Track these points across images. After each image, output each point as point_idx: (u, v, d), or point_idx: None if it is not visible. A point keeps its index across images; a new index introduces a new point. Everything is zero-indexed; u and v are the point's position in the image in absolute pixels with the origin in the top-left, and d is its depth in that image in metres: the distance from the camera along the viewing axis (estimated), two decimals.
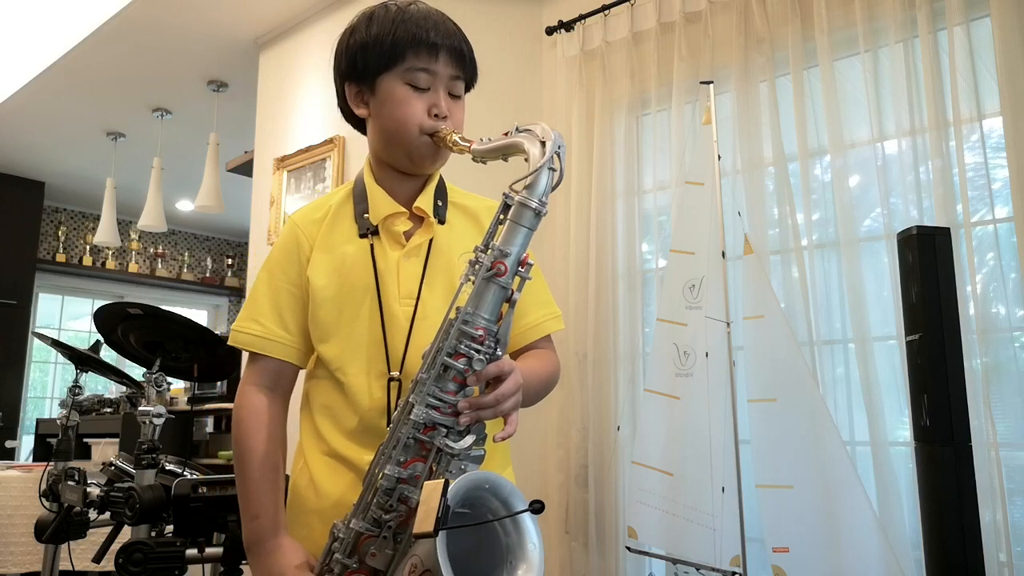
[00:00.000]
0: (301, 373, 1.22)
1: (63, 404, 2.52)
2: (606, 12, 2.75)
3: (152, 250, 6.47)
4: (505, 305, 0.98)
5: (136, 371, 2.59)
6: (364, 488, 0.99)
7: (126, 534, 1.78)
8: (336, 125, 3.18)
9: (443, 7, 1.18)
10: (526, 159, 0.98)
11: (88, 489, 1.99)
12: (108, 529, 1.93)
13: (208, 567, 1.78)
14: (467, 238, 1.17)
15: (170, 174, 4.76)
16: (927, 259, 1.61)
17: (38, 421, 4.53)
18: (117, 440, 3.52)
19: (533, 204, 0.96)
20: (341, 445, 1.12)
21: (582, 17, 2.82)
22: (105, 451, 3.65)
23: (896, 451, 2.07)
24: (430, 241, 1.16)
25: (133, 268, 6.25)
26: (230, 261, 6.90)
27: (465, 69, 1.16)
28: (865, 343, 2.07)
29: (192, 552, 1.59)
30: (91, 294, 6.21)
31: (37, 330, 5.68)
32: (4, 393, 5.21)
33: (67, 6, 3.59)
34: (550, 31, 2.91)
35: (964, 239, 1.95)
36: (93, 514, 2.06)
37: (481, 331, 0.96)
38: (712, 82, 2.27)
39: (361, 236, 1.16)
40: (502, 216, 0.99)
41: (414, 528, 0.83)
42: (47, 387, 6.20)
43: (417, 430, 0.96)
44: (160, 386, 2.00)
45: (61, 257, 5.90)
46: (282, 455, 1.15)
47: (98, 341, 2.49)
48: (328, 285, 1.14)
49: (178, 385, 4.22)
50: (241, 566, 1.57)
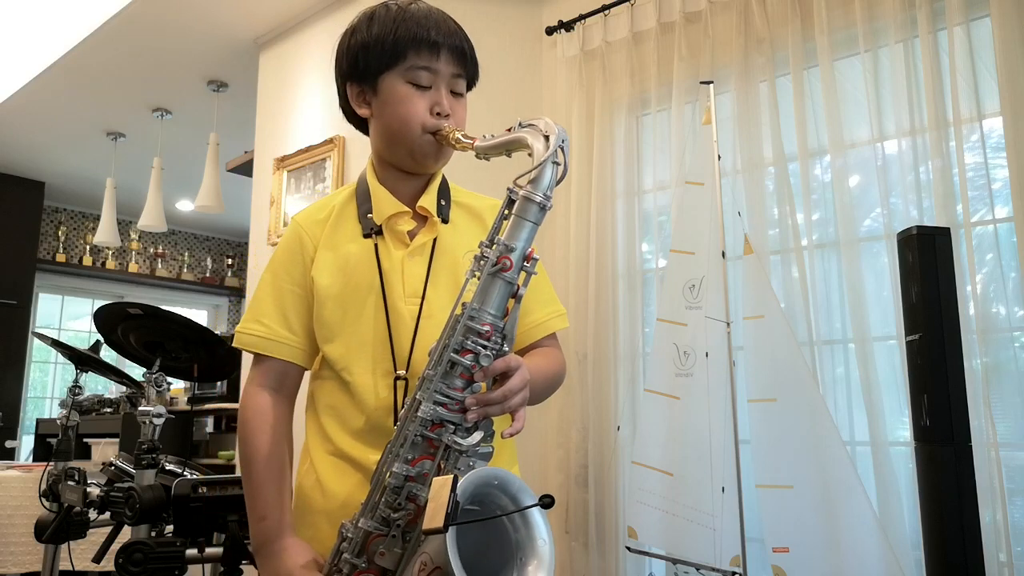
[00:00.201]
0: (306, 375, 1.22)
1: (63, 404, 2.52)
2: (606, 12, 2.75)
3: (152, 250, 6.47)
4: (511, 301, 0.97)
5: (136, 371, 2.60)
6: (372, 487, 0.98)
7: (126, 534, 1.78)
8: (336, 125, 3.18)
9: (442, 7, 1.18)
10: (530, 154, 0.98)
11: (88, 489, 1.99)
12: (108, 529, 1.93)
13: (208, 567, 1.78)
14: (471, 237, 1.17)
15: (170, 174, 4.76)
16: (927, 259, 1.61)
17: (38, 421, 4.54)
18: (117, 440, 3.52)
19: (538, 198, 0.96)
20: (347, 445, 1.11)
21: (582, 17, 2.82)
22: (105, 451, 3.65)
23: (896, 451, 2.06)
24: (434, 240, 1.16)
25: (133, 268, 6.25)
26: (230, 261, 6.90)
27: (466, 67, 1.16)
28: (865, 343, 2.07)
29: (192, 552, 1.59)
30: (91, 294, 6.21)
31: (37, 330, 5.68)
32: (4, 393, 5.21)
33: (67, 6, 3.59)
34: (550, 31, 2.91)
35: (964, 239, 1.95)
36: (93, 514, 2.06)
37: (487, 327, 0.95)
38: (712, 82, 2.27)
39: (365, 236, 1.16)
40: (507, 211, 0.98)
41: (424, 525, 0.83)
42: (47, 387, 6.20)
43: (425, 427, 0.95)
44: (160, 386, 2.00)
45: (61, 257, 5.90)
46: (288, 456, 1.15)
47: (98, 341, 2.49)
48: (332, 284, 1.14)
49: (178, 385, 4.23)
50: (241, 566, 1.57)
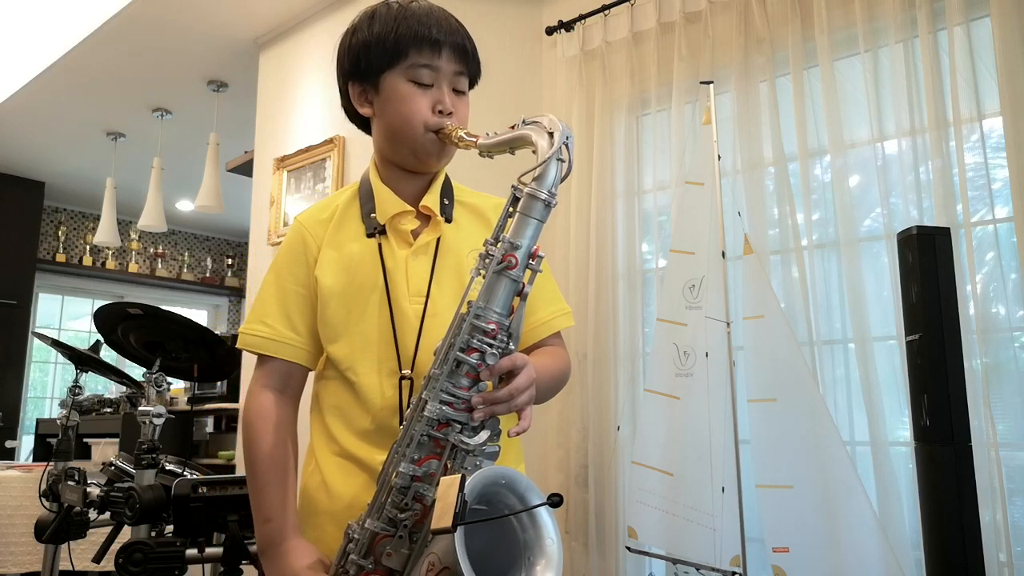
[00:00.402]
0: (310, 376, 1.21)
1: (63, 404, 2.52)
2: (606, 12, 2.75)
3: (152, 250, 6.47)
4: (516, 299, 0.97)
5: (136, 371, 2.60)
6: (378, 487, 0.97)
7: (126, 534, 1.78)
8: (336, 125, 3.18)
9: (443, 6, 1.18)
10: (534, 151, 0.97)
11: (88, 489, 1.99)
12: (108, 529, 1.93)
13: (208, 567, 1.78)
14: (474, 236, 1.16)
15: (170, 174, 4.76)
16: (927, 259, 1.61)
17: (38, 421, 4.54)
18: (117, 440, 3.52)
19: (543, 195, 0.95)
20: (353, 445, 1.10)
21: (582, 17, 2.82)
22: (105, 451, 3.65)
23: (896, 451, 2.06)
24: (437, 239, 1.15)
25: (133, 268, 6.25)
26: (230, 261, 6.90)
27: (468, 65, 1.16)
28: (865, 343, 2.07)
29: (192, 552, 1.59)
30: (91, 294, 6.21)
31: (37, 330, 5.69)
32: (4, 393, 5.21)
33: (67, 6, 3.59)
34: (550, 31, 2.91)
35: (964, 239, 1.95)
36: (93, 514, 2.06)
37: (493, 325, 0.95)
38: (712, 82, 2.27)
39: (368, 235, 1.15)
40: (511, 209, 0.98)
41: (432, 524, 0.82)
42: (47, 387, 6.20)
43: (431, 427, 0.95)
44: (160, 386, 2.00)
45: (61, 257, 5.90)
46: (293, 457, 1.14)
47: (98, 341, 2.49)
48: (336, 284, 1.13)
49: (178, 385, 4.23)
50: (241, 566, 1.57)
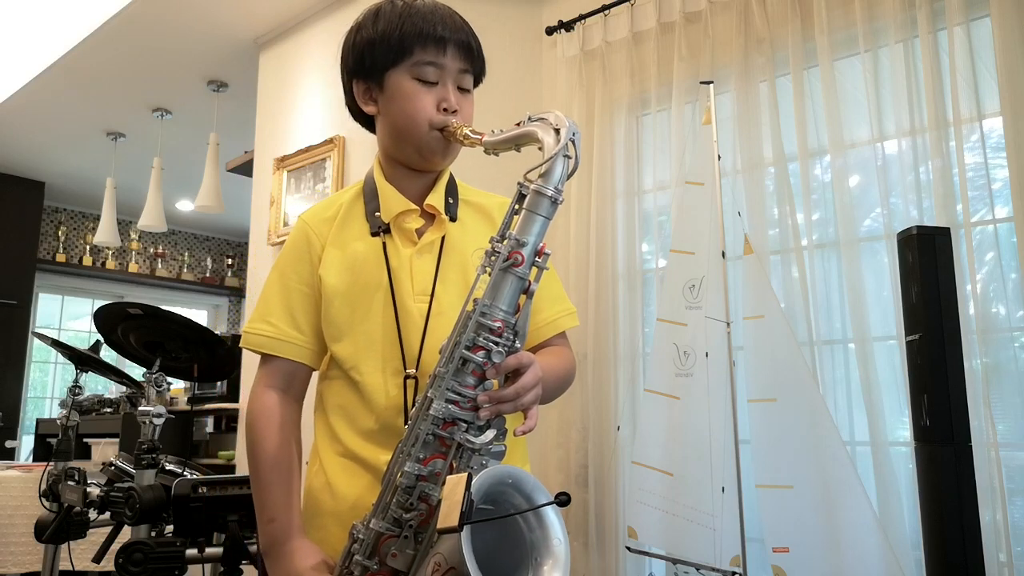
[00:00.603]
0: (314, 376, 1.20)
1: (63, 404, 2.52)
2: (606, 12, 2.75)
3: (152, 250, 6.47)
4: (523, 296, 0.96)
5: (136, 371, 2.59)
6: (383, 487, 0.97)
7: (126, 534, 1.78)
8: (336, 125, 3.17)
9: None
10: (540, 148, 0.96)
11: (88, 489, 1.99)
12: (108, 529, 1.93)
13: (208, 567, 1.78)
14: (479, 235, 1.16)
15: (170, 174, 4.76)
16: (927, 259, 1.61)
17: (38, 421, 4.53)
18: (117, 440, 3.52)
19: (549, 192, 0.95)
20: (357, 446, 1.10)
21: (582, 17, 2.81)
22: (105, 451, 3.65)
23: (896, 451, 2.06)
24: (442, 238, 1.15)
25: (133, 268, 6.25)
26: (230, 261, 6.90)
27: (473, 63, 1.15)
28: (865, 343, 2.07)
29: (192, 552, 1.59)
30: (91, 294, 6.21)
31: (37, 330, 5.68)
32: (4, 393, 5.21)
33: (67, 6, 3.59)
34: (550, 31, 2.91)
35: (964, 239, 1.95)
36: (93, 514, 2.06)
37: (499, 323, 0.94)
38: (712, 82, 2.27)
39: (373, 234, 1.15)
40: (517, 206, 0.97)
41: (438, 523, 0.81)
42: (47, 387, 6.20)
43: (436, 426, 0.94)
44: (160, 386, 2.00)
45: (61, 257, 5.90)
46: (297, 457, 1.13)
47: (98, 341, 2.49)
48: (340, 283, 1.13)
49: (178, 385, 4.23)
50: (241, 566, 1.57)
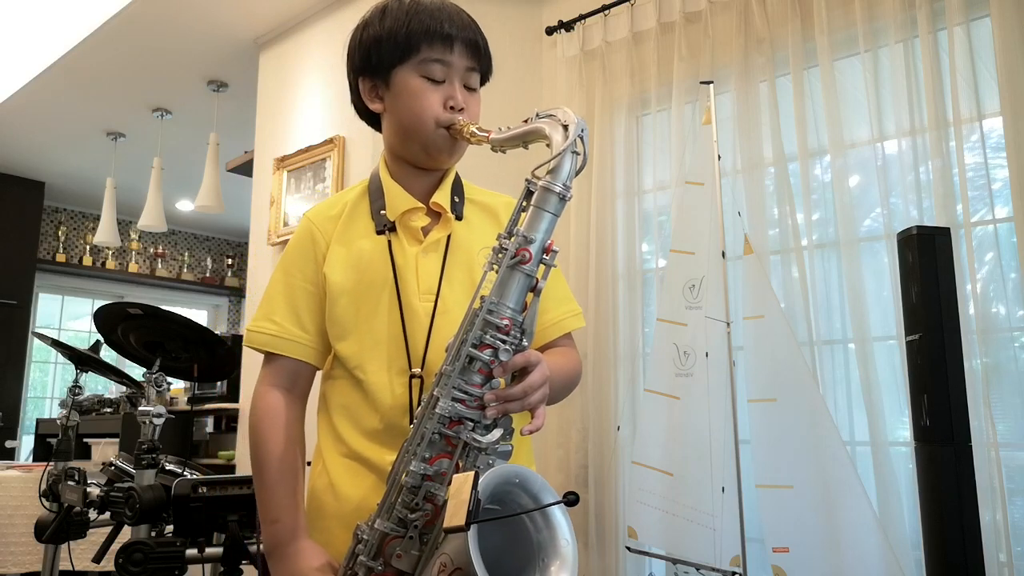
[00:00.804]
0: (318, 376, 1.19)
1: (63, 404, 2.52)
2: (606, 12, 2.75)
3: (152, 250, 6.47)
4: (530, 294, 0.95)
5: (136, 371, 2.59)
6: (388, 487, 0.96)
7: (126, 534, 1.78)
8: (336, 125, 3.17)
9: None
10: (547, 144, 0.96)
11: (88, 489, 1.99)
12: (108, 529, 1.93)
13: (208, 567, 1.78)
14: (485, 234, 1.15)
15: (170, 174, 4.76)
16: (927, 259, 1.61)
17: (38, 421, 4.53)
18: (117, 440, 3.51)
19: (557, 188, 0.94)
20: (361, 446, 1.08)
21: (582, 17, 2.82)
22: (105, 451, 3.65)
23: (896, 451, 2.07)
24: (448, 236, 1.14)
25: (133, 268, 6.25)
26: (230, 261, 6.90)
27: (480, 61, 1.15)
28: (865, 343, 2.07)
29: (192, 552, 1.59)
30: (91, 294, 6.21)
31: (37, 330, 5.69)
32: (4, 393, 5.21)
33: (67, 6, 3.59)
34: (550, 31, 2.91)
35: (964, 239, 1.95)
36: (93, 514, 2.06)
37: (506, 321, 0.93)
38: (712, 82, 2.27)
39: (378, 232, 1.14)
40: (525, 203, 0.96)
41: (444, 522, 0.80)
42: (47, 387, 6.20)
43: (443, 424, 0.93)
44: (160, 386, 2.00)
45: (61, 257, 5.90)
46: (301, 457, 1.12)
47: (98, 341, 2.49)
48: (345, 281, 1.12)
49: (178, 385, 4.22)
50: (241, 566, 1.57)
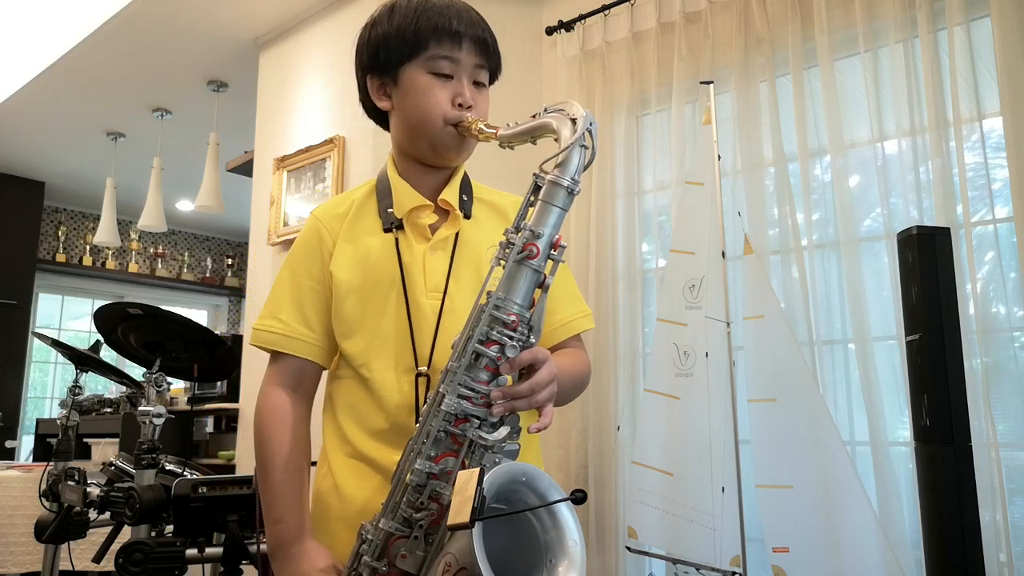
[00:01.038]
0: (323, 378, 1.18)
1: (63, 404, 2.52)
2: (606, 12, 2.75)
3: (152, 250, 6.47)
4: (538, 290, 0.94)
5: (136, 371, 2.59)
6: (393, 486, 0.94)
7: (126, 534, 1.78)
8: (336, 125, 3.17)
9: None
10: (556, 139, 0.95)
11: (88, 489, 1.99)
12: (108, 529, 1.93)
13: (208, 567, 1.78)
14: (493, 233, 1.13)
15: (170, 174, 4.76)
16: (927, 259, 1.61)
17: (38, 421, 4.53)
18: (117, 440, 3.51)
19: (565, 182, 0.92)
20: (367, 446, 1.07)
21: (582, 17, 2.82)
22: (105, 451, 3.65)
23: (896, 451, 2.07)
24: (456, 234, 1.13)
25: (133, 268, 6.25)
26: (230, 261, 6.90)
27: (489, 58, 1.14)
28: (865, 343, 2.07)
29: (192, 552, 1.59)
30: (91, 294, 6.21)
31: (37, 330, 5.69)
32: (4, 393, 5.21)
33: (67, 6, 3.59)
34: (550, 31, 2.91)
35: (964, 239, 1.95)
36: (93, 514, 2.06)
37: (513, 316, 0.91)
38: (712, 82, 2.27)
39: (385, 230, 1.13)
40: (532, 197, 0.95)
41: (448, 519, 0.78)
42: (47, 387, 6.20)
43: (448, 422, 0.91)
44: (160, 386, 2.00)
45: (61, 257, 5.90)
46: (306, 457, 1.11)
47: (98, 341, 2.49)
48: (352, 278, 1.11)
49: (178, 385, 4.22)
50: (241, 566, 1.57)
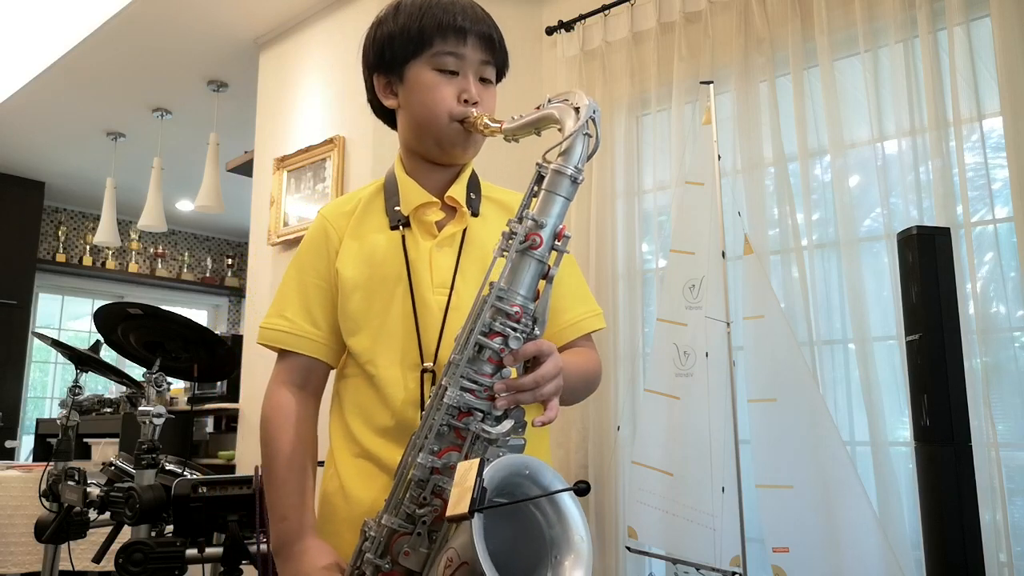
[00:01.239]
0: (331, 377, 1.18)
1: (63, 404, 2.52)
2: (606, 12, 2.75)
3: (152, 250, 6.47)
4: (542, 282, 0.92)
5: (136, 371, 2.59)
6: (395, 482, 0.93)
7: (126, 534, 1.78)
8: (336, 125, 3.17)
9: None
10: (559, 129, 0.94)
11: (88, 489, 1.99)
12: (108, 529, 1.93)
13: (208, 567, 1.78)
14: (501, 231, 1.12)
15: (170, 174, 4.76)
16: (927, 259, 1.61)
17: (38, 421, 4.53)
18: (117, 440, 3.51)
19: (569, 171, 0.92)
20: (374, 445, 1.06)
21: (582, 17, 2.82)
22: (105, 451, 3.64)
23: (896, 451, 2.07)
24: (463, 231, 1.12)
25: (133, 268, 6.25)
26: (230, 261, 6.90)
27: (495, 55, 1.14)
28: (865, 343, 2.07)
29: (192, 552, 1.59)
30: (91, 294, 6.21)
31: (37, 330, 5.69)
32: (4, 393, 5.21)
33: (67, 6, 3.59)
34: (550, 31, 2.91)
35: (964, 239, 1.95)
36: (93, 514, 2.06)
37: (517, 308, 0.90)
38: (712, 82, 2.27)
39: (392, 228, 1.13)
40: (536, 187, 0.94)
41: (447, 511, 0.77)
42: (47, 387, 6.20)
43: (451, 416, 0.90)
44: (160, 386, 2.00)
45: (61, 257, 5.90)
46: (312, 455, 1.11)
47: (98, 341, 2.49)
48: (358, 275, 1.11)
49: (178, 385, 4.22)
50: (241, 566, 1.57)
